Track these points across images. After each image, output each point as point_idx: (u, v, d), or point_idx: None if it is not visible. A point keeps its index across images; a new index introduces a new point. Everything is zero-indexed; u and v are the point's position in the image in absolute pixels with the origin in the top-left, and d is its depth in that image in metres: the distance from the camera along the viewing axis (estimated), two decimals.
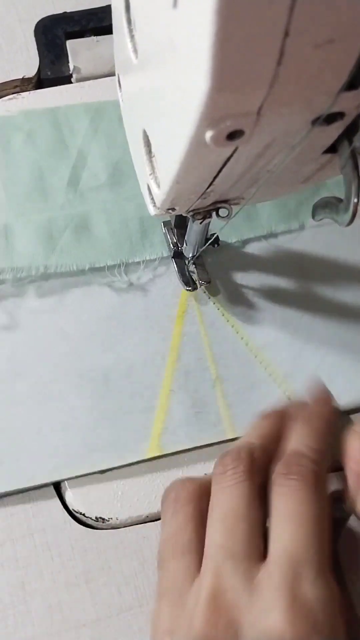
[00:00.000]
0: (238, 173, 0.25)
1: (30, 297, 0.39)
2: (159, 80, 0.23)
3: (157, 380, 0.38)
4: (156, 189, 0.28)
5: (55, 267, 0.39)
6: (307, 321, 0.40)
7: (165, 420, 0.37)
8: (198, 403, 0.37)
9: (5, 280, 0.39)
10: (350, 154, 0.23)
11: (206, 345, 0.39)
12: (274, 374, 0.38)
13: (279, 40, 0.16)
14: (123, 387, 0.37)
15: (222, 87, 0.18)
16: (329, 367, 0.39)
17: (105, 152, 0.43)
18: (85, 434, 0.36)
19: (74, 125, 0.43)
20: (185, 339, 0.39)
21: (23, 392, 0.37)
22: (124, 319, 0.39)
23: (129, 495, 0.36)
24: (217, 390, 0.38)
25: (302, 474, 0.28)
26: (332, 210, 0.26)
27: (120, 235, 0.41)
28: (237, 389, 0.38)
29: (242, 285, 0.41)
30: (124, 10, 0.25)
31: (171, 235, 0.41)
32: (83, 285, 0.40)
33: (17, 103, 0.45)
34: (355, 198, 0.23)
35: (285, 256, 0.42)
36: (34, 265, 0.39)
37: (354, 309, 0.41)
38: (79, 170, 0.42)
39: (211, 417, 0.37)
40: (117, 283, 0.40)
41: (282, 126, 0.21)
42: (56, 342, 0.38)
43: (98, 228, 0.41)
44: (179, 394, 0.38)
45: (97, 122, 0.44)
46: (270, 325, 0.40)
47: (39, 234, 0.40)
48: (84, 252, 0.40)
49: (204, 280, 0.40)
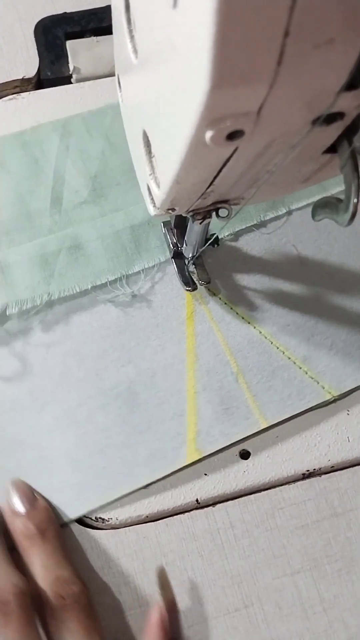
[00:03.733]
0: (238, 173, 0.25)
1: (37, 330, 0.39)
2: (159, 81, 0.23)
3: (181, 384, 0.38)
4: (156, 189, 0.28)
5: (59, 292, 0.39)
6: (312, 304, 0.41)
7: (197, 422, 0.37)
8: (225, 399, 0.38)
9: (10, 316, 0.38)
10: (350, 154, 0.23)
11: (221, 341, 0.39)
12: (293, 357, 0.39)
13: (279, 40, 0.16)
14: (149, 397, 0.37)
15: (222, 87, 0.18)
16: (344, 344, 0.39)
17: (81, 167, 0.42)
18: (122, 452, 0.36)
19: (44, 146, 0.43)
20: (199, 338, 0.39)
21: (51, 422, 0.37)
22: (135, 331, 0.39)
23: (129, 495, 0.36)
24: (241, 382, 0.38)
25: (80, 605, 0.31)
26: (332, 210, 0.26)
27: (114, 248, 0.41)
28: (260, 377, 0.38)
29: (243, 282, 0.41)
30: (123, 10, 0.25)
31: (171, 236, 0.41)
32: (88, 306, 0.39)
33: (17, 103, 0.45)
34: (355, 198, 0.23)
35: (280, 247, 0.42)
36: (37, 295, 0.39)
37: (353, 283, 0.42)
38: (58, 190, 0.42)
39: (241, 410, 0.37)
40: (121, 297, 0.40)
41: (282, 126, 0.21)
42: (73, 368, 0.38)
43: (91, 245, 0.40)
44: (205, 394, 0.38)
45: (66, 139, 0.43)
46: (278, 313, 0.40)
47: (34, 263, 0.39)
48: (83, 272, 0.40)
49: (204, 281, 0.40)
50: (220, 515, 0.36)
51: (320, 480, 0.37)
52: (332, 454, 0.37)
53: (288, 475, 0.37)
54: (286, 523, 0.36)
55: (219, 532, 0.36)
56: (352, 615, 0.34)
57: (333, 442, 0.38)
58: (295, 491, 0.37)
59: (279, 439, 0.38)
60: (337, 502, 0.36)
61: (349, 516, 0.36)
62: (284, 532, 0.36)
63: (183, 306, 0.40)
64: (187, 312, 0.40)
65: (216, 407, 0.37)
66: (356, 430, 0.38)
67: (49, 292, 0.39)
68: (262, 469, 0.37)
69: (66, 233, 0.40)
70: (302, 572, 0.35)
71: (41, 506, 0.34)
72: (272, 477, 0.37)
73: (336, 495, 0.37)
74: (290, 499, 0.36)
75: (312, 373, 0.38)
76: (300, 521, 0.36)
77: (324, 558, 0.35)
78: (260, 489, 0.37)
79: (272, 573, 0.35)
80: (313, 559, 0.35)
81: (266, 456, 0.37)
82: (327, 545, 0.36)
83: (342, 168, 0.24)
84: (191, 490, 0.36)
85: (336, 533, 0.36)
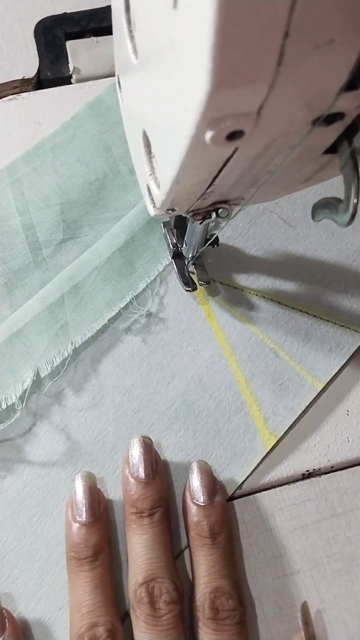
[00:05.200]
0: (238, 173, 0.25)
1: (76, 380, 0.38)
2: (159, 81, 0.23)
3: (230, 377, 0.38)
4: (156, 189, 0.28)
5: (80, 337, 0.39)
6: (317, 269, 0.42)
7: (261, 408, 0.38)
8: (276, 376, 0.38)
9: (44, 378, 0.38)
10: (350, 154, 0.23)
11: (247, 323, 0.40)
12: (318, 313, 0.40)
13: (279, 40, 0.16)
14: (206, 402, 0.38)
15: (222, 88, 0.18)
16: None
17: (44, 208, 0.42)
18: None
19: (0, 201, 0.42)
20: (226, 329, 0.40)
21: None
22: (165, 345, 0.39)
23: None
24: (283, 355, 0.39)
25: (231, 621, 0.31)
26: (331, 211, 0.26)
27: (112, 275, 0.40)
28: (298, 344, 0.39)
29: (244, 264, 0.42)
30: (123, 10, 0.25)
31: (171, 236, 0.41)
32: (111, 340, 0.39)
33: (17, 103, 0.45)
34: (355, 198, 0.23)
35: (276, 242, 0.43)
36: (62, 347, 0.38)
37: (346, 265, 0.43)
38: (33, 239, 0.41)
39: (294, 381, 0.38)
40: (139, 319, 0.40)
41: (282, 126, 0.21)
42: (124, 403, 0.38)
43: (89, 280, 0.40)
44: (255, 379, 0.38)
45: (18, 186, 0.43)
46: (287, 278, 0.41)
47: (44, 318, 0.39)
48: (93, 309, 0.39)
49: (204, 281, 0.40)
50: None
51: (320, 481, 0.37)
52: (332, 454, 0.37)
53: (288, 476, 0.37)
54: (286, 523, 0.36)
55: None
56: (352, 615, 0.34)
57: (333, 443, 0.38)
58: (295, 491, 0.37)
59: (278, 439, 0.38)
60: (336, 502, 0.36)
61: (348, 516, 0.36)
62: (283, 532, 0.36)
63: (198, 305, 0.40)
64: (206, 309, 0.40)
65: (271, 387, 0.38)
66: (356, 431, 0.38)
67: (70, 340, 0.38)
68: (262, 469, 0.37)
69: (60, 278, 0.40)
70: (302, 572, 0.35)
71: (219, 502, 0.34)
72: (272, 477, 0.37)
73: (336, 496, 0.37)
74: (290, 499, 0.36)
75: (340, 321, 0.40)
76: (300, 521, 0.36)
77: (324, 558, 0.35)
78: (260, 489, 0.37)
79: (272, 573, 0.35)
80: (313, 559, 0.35)
81: (266, 456, 0.37)
82: (326, 546, 0.36)
83: (342, 168, 0.24)
84: None
85: (336, 533, 0.36)
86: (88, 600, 0.31)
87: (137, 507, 0.33)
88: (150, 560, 0.32)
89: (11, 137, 0.44)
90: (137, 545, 0.32)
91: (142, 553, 0.32)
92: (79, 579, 0.32)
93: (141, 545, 0.32)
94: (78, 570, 0.32)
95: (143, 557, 0.32)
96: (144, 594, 0.31)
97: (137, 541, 0.32)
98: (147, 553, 0.32)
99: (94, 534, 0.33)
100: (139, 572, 0.32)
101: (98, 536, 0.33)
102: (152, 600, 0.31)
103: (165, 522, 0.33)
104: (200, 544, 0.33)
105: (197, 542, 0.33)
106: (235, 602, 0.32)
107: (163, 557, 0.32)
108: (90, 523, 0.33)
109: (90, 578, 0.32)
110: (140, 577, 0.31)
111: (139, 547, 0.32)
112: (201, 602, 0.32)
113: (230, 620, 0.31)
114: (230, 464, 0.36)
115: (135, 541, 0.33)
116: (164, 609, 0.31)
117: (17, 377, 0.37)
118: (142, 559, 0.32)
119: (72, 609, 0.32)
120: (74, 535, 0.33)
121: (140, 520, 0.33)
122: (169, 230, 0.41)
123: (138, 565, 0.32)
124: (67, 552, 0.33)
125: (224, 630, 0.31)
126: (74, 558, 0.32)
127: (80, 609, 0.31)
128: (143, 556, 0.32)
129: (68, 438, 0.37)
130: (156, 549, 0.32)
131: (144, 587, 0.31)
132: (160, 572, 0.31)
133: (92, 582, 0.32)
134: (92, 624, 0.30)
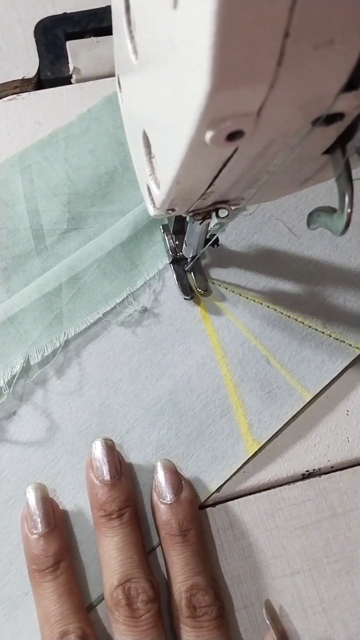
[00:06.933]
0: (238, 174, 0.25)
1: (64, 370, 0.38)
2: (159, 81, 0.23)
3: (218, 380, 0.38)
4: (156, 189, 0.28)
5: (74, 328, 0.39)
6: (316, 269, 0.41)
7: (246, 413, 0.38)
8: (265, 383, 0.38)
9: (34, 366, 0.38)
10: (344, 165, 0.23)
11: (242, 329, 0.40)
12: (313, 324, 0.40)
13: (279, 40, 0.16)
14: (192, 402, 0.38)
15: (222, 88, 0.18)
16: (357, 300, 0.40)
17: (52, 197, 0.42)
18: (184, 464, 0.36)
19: (9, 186, 0.42)
20: (220, 332, 0.39)
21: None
22: (158, 342, 0.39)
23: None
24: (274, 363, 0.39)
25: (209, 617, 0.31)
26: (326, 220, 0.26)
27: (112, 269, 0.40)
28: (290, 353, 0.39)
29: (243, 267, 0.42)
30: (124, 11, 0.25)
31: (170, 241, 0.41)
32: (103, 333, 0.39)
33: (17, 104, 0.45)
34: (348, 208, 0.23)
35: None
36: (54, 337, 0.38)
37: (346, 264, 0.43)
38: (37, 226, 0.41)
39: (283, 389, 0.38)
40: (133, 314, 0.40)
41: (282, 127, 0.21)
42: (110, 396, 0.38)
43: (88, 272, 0.40)
44: (244, 384, 0.38)
45: (27, 173, 0.43)
46: (285, 288, 0.41)
47: (40, 306, 0.39)
48: (90, 302, 0.39)
49: (202, 289, 0.40)
50: (219, 515, 0.36)
51: (319, 481, 0.37)
52: (332, 455, 0.37)
53: (288, 476, 0.37)
54: (286, 523, 0.36)
55: (219, 532, 0.36)
56: (352, 615, 0.34)
57: (333, 443, 0.38)
58: (295, 491, 0.37)
59: (278, 439, 0.38)
60: (336, 502, 0.36)
61: (348, 516, 0.36)
62: (283, 533, 0.36)
63: (194, 305, 0.40)
64: (201, 310, 0.40)
65: (259, 394, 0.38)
66: (355, 431, 0.38)
67: (64, 331, 0.39)
68: (262, 469, 0.37)
69: (60, 267, 0.40)
70: (302, 572, 0.35)
71: (185, 499, 0.34)
72: (272, 477, 0.37)
73: (336, 496, 0.37)
74: (289, 499, 0.36)
75: (335, 335, 0.40)
76: (300, 521, 0.36)
77: (324, 558, 0.35)
78: (260, 489, 0.37)
79: (272, 573, 0.35)
80: (313, 559, 0.35)
81: (266, 456, 0.37)
82: (326, 546, 0.36)
83: (337, 179, 0.24)
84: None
85: (336, 533, 0.36)
86: (55, 610, 0.31)
87: (105, 509, 0.33)
88: (123, 561, 0.32)
89: (11, 137, 0.44)
90: (109, 548, 0.32)
91: (115, 555, 0.32)
92: (43, 589, 0.32)
93: (113, 547, 0.32)
94: (41, 582, 0.32)
95: (116, 559, 0.32)
96: (121, 595, 0.31)
97: (108, 544, 0.32)
98: (119, 554, 0.32)
99: (52, 543, 0.33)
100: (113, 574, 0.32)
101: (57, 545, 0.33)
102: (130, 601, 0.31)
103: (135, 522, 0.33)
104: (171, 542, 0.33)
105: (168, 541, 0.33)
106: (211, 597, 0.32)
107: (136, 557, 0.32)
108: (47, 533, 0.33)
109: (54, 587, 0.32)
110: (115, 579, 0.31)
111: (111, 549, 0.32)
112: (178, 601, 0.32)
113: (208, 616, 0.31)
114: (210, 466, 0.36)
115: (106, 544, 0.33)
116: (143, 609, 0.31)
117: (6, 362, 0.37)
118: (115, 561, 0.32)
119: (41, 621, 0.31)
120: (33, 548, 0.32)
121: (110, 522, 0.33)
122: (167, 235, 0.41)
123: (112, 567, 0.32)
124: (28, 566, 0.33)
125: (203, 626, 0.31)
126: (36, 570, 0.32)
127: (49, 620, 0.31)
128: (116, 558, 0.32)
129: (51, 426, 0.37)
130: (128, 549, 0.32)
131: (120, 589, 0.31)
132: (134, 572, 0.31)
133: (56, 591, 0.31)
134: (62, 632, 0.30)
